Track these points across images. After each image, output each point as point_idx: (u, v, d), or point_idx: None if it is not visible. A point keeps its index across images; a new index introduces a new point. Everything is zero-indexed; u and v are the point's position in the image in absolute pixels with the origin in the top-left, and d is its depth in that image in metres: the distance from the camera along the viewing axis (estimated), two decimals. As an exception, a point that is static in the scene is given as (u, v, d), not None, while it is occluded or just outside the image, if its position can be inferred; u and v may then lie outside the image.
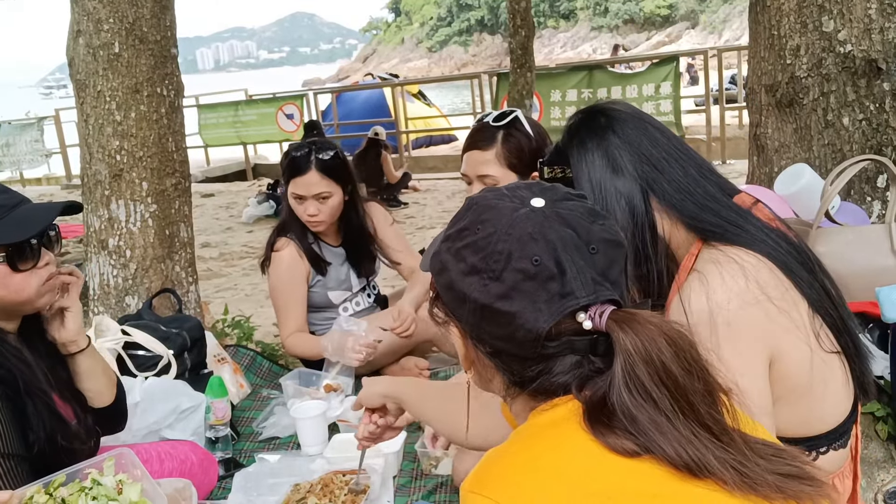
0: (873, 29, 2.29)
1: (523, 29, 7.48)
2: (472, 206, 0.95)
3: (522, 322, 0.86)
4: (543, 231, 0.88)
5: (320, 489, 1.93)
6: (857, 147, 2.36)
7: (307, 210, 2.75)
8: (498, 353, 0.91)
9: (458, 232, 0.93)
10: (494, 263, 0.87)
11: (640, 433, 0.80)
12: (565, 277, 0.86)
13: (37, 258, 1.61)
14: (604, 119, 1.38)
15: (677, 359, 0.83)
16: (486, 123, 2.17)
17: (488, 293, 0.87)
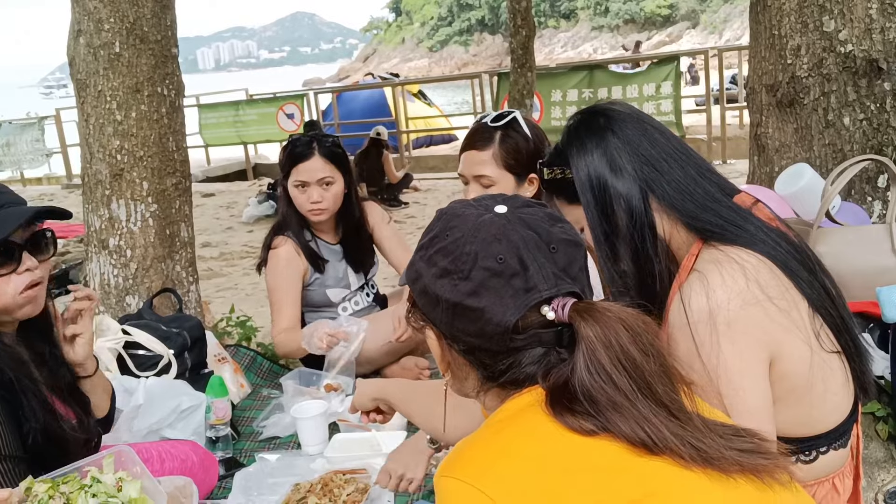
0: (874, 29, 2.29)
1: (524, 29, 7.48)
2: (441, 215, 1.03)
3: (491, 316, 0.93)
4: (506, 233, 0.95)
5: (320, 489, 1.93)
6: (858, 147, 2.35)
7: (311, 197, 2.74)
8: (471, 349, 0.98)
9: (429, 240, 1.00)
10: (462, 264, 0.94)
11: (598, 413, 0.87)
12: (528, 273, 0.93)
13: (15, 263, 1.55)
14: (603, 119, 1.38)
15: (635, 342, 0.90)
16: (485, 124, 2.17)
17: (458, 292, 0.94)
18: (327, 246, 2.90)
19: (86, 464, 1.47)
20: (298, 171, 2.74)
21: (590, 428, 0.86)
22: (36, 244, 1.60)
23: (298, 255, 2.81)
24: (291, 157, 2.77)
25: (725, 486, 0.85)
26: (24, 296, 1.56)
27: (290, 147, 2.81)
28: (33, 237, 1.59)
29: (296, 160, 2.75)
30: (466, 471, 0.87)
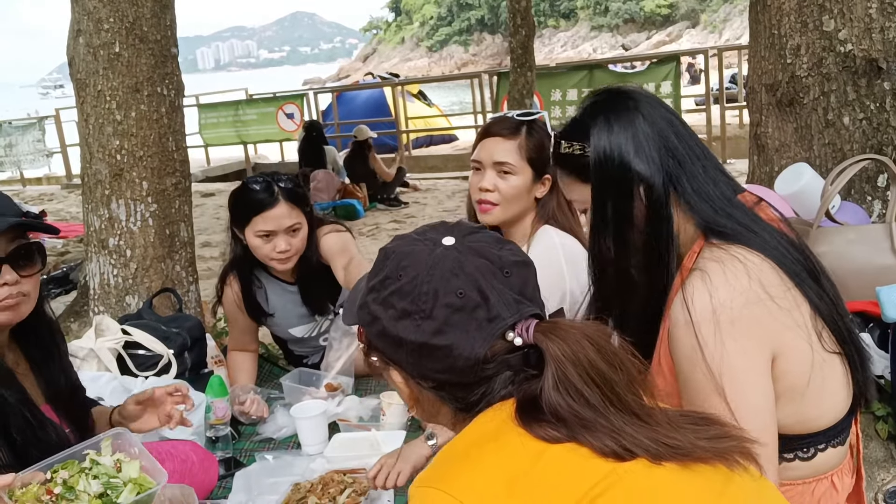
0: (874, 28, 2.29)
1: (524, 28, 7.48)
2: (388, 255, 1.02)
3: (460, 352, 0.93)
4: (462, 265, 0.95)
5: (320, 489, 1.93)
6: (858, 146, 2.35)
7: (277, 247, 2.46)
8: (441, 385, 0.97)
9: (380, 282, 0.99)
10: (423, 304, 0.94)
11: (567, 428, 0.88)
12: (489, 303, 0.94)
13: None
14: (632, 102, 1.36)
15: (601, 355, 0.91)
16: (509, 116, 2.14)
17: (423, 332, 0.94)
18: (284, 287, 2.71)
19: (83, 447, 1.47)
20: (264, 219, 2.44)
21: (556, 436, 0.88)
22: (20, 257, 1.55)
23: (239, 309, 2.68)
24: (252, 205, 2.46)
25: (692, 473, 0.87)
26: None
27: (246, 193, 2.50)
28: (18, 250, 1.55)
29: (258, 208, 2.44)
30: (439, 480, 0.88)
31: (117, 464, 1.46)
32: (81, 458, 1.45)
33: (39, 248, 1.61)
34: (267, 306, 2.71)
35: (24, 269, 1.55)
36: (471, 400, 0.96)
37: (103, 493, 1.39)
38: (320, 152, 8.27)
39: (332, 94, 12.96)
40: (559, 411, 0.88)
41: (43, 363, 1.69)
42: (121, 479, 1.43)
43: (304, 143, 8.54)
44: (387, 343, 0.98)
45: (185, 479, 1.93)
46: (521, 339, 0.93)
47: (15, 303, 1.55)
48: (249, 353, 2.79)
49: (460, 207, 7.63)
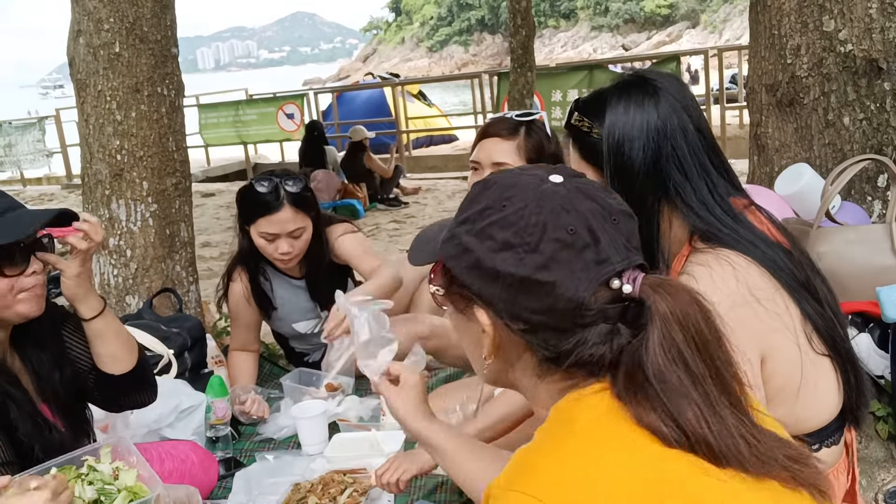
0: (874, 28, 2.29)
1: (524, 28, 7.48)
2: (490, 185, 0.93)
3: (563, 291, 0.85)
4: (572, 202, 0.88)
5: (320, 489, 1.93)
6: (858, 147, 2.35)
7: (279, 249, 2.53)
8: (534, 328, 0.89)
9: (478, 213, 0.91)
10: (529, 236, 0.86)
11: (669, 399, 0.81)
12: (600, 245, 0.86)
13: (24, 265, 1.56)
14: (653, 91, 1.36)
15: (707, 323, 0.86)
16: (508, 116, 2.14)
17: (526, 266, 0.86)
18: (291, 282, 2.76)
19: (83, 453, 1.47)
20: (268, 222, 2.50)
21: (665, 433, 0.81)
22: (41, 247, 1.60)
23: (247, 301, 2.71)
24: (258, 207, 2.52)
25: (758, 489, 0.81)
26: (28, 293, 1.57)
27: (252, 193, 2.54)
28: (39, 240, 1.60)
29: (262, 211, 2.50)
30: (545, 489, 0.78)
31: (115, 471, 1.46)
32: (80, 464, 1.45)
33: (51, 240, 1.65)
34: (273, 299, 2.74)
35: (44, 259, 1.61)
36: (562, 348, 0.87)
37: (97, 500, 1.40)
38: (321, 152, 8.27)
39: (332, 94, 12.96)
40: (664, 374, 0.82)
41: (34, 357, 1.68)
42: (115, 486, 1.43)
43: (306, 142, 8.53)
44: (478, 277, 0.90)
45: (185, 479, 1.93)
46: (630, 288, 0.86)
47: (42, 292, 1.60)
48: (251, 354, 2.79)
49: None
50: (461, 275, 0.92)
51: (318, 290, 2.74)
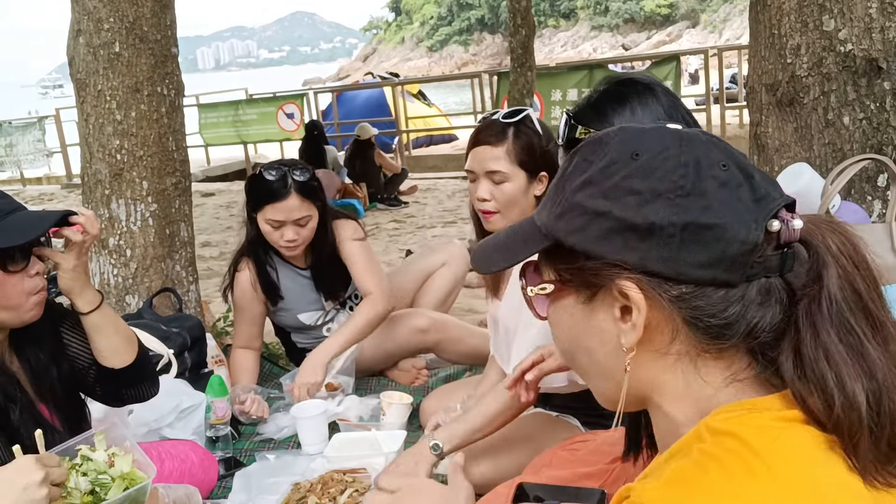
0: (874, 28, 2.29)
1: (524, 28, 7.49)
2: (606, 142, 0.79)
3: (734, 233, 0.72)
4: (713, 140, 0.77)
5: (320, 489, 1.93)
6: (858, 146, 2.35)
7: (285, 236, 2.59)
8: (699, 289, 0.73)
9: (601, 172, 0.76)
10: (682, 178, 0.73)
11: (855, 359, 0.69)
12: (754, 181, 0.74)
13: (26, 262, 1.56)
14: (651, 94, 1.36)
15: (871, 269, 0.74)
16: (495, 120, 2.14)
17: (686, 210, 0.72)
18: (296, 271, 2.80)
19: (77, 442, 1.47)
20: (274, 209, 2.56)
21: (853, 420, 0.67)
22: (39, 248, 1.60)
23: (254, 289, 2.74)
24: (265, 194, 2.58)
25: None
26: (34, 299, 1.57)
27: (260, 181, 2.60)
28: (37, 240, 1.59)
29: (269, 198, 2.57)
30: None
31: (111, 458, 1.46)
32: (73, 454, 1.45)
33: (49, 240, 1.64)
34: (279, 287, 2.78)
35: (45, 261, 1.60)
36: (729, 314, 0.72)
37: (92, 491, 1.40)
38: (321, 152, 8.27)
39: (332, 94, 12.96)
40: (850, 334, 0.70)
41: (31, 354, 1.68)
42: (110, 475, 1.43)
43: (306, 142, 8.53)
44: (622, 241, 0.74)
45: (185, 479, 1.93)
46: (800, 224, 0.73)
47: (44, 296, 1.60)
48: (253, 352, 2.80)
49: (460, 207, 7.63)
50: (595, 246, 0.75)
51: (323, 281, 2.80)
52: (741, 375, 0.74)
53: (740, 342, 0.73)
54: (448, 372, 2.89)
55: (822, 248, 0.72)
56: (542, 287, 0.82)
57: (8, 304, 1.54)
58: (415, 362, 2.93)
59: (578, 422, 1.98)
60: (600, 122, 1.37)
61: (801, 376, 0.70)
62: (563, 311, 0.81)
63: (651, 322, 0.75)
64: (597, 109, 1.39)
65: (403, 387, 2.80)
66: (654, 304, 0.74)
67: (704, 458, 0.67)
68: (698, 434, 0.71)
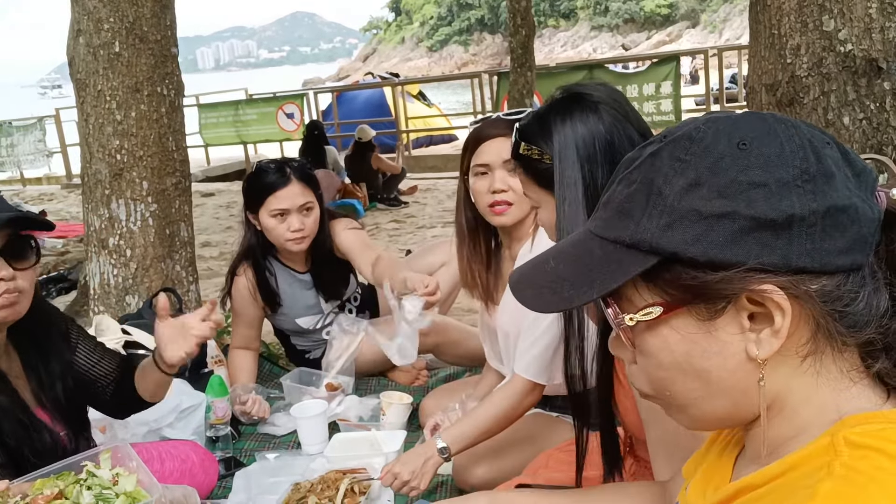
0: (874, 28, 2.29)
1: (524, 28, 7.49)
2: (702, 135, 0.71)
3: (864, 211, 0.67)
4: (801, 121, 0.72)
5: (320, 488, 1.93)
6: (858, 146, 2.36)
7: (291, 226, 2.57)
8: (842, 278, 0.67)
9: (710, 169, 0.68)
10: (802, 161, 0.67)
11: None
12: (850, 156, 0.70)
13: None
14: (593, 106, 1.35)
15: None
16: (499, 118, 2.14)
17: (820, 195, 0.66)
18: (295, 275, 2.79)
19: (82, 458, 1.47)
20: (277, 199, 2.56)
21: None
22: (14, 252, 1.54)
23: (252, 296, 2.73)
24: (266, 186, 2.58)
25: None
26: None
27: (259, 175, 2.62)
28: (10, 244, 1.54)
29: (271, 188, 2.57)
30: None
31: (115, 477, 1.46)
32: (79, 470, 1.45)
33: (33, 242, 1.59)
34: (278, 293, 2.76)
35: (18, 262, 1.54)
36: (860, 303, 0.67)
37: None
38: (321, 152, 8.27)
39: (332, 94, 12.96)
40: None
41: (37, 366, 1.67)
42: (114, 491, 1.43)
43: (306, 142, 8.53)
44: (756, 240, 0.66)
45: (185, 479, 1.93)
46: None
47: (12, 300, 1.54)
48: (251, 352, 2.80)
49: (460, 207, 7.61)
50: (724, 253, 0.66)
51: (323, 283, 2.79)
52: (860, 374, 0.70)
53: (872, 333, 0.68)
54: (448, 372, 2.89)
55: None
56: (646, 312, 0.71)
57: None
58: (415, 362, 2.92)
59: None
60: (542, 139, 1.36)
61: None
62: (671, 335, 0.71)
63: (801, 326, 0.68)
64: (540, 125, 1.38)
65: (403, 387, 2.80)
66: (796, 303, 0.67)
67: (853, 475, 0.61)
68: (833, 447, 0.65)
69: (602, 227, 0.73)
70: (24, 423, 1.56)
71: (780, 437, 0.71)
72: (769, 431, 0.72)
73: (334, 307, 2.87)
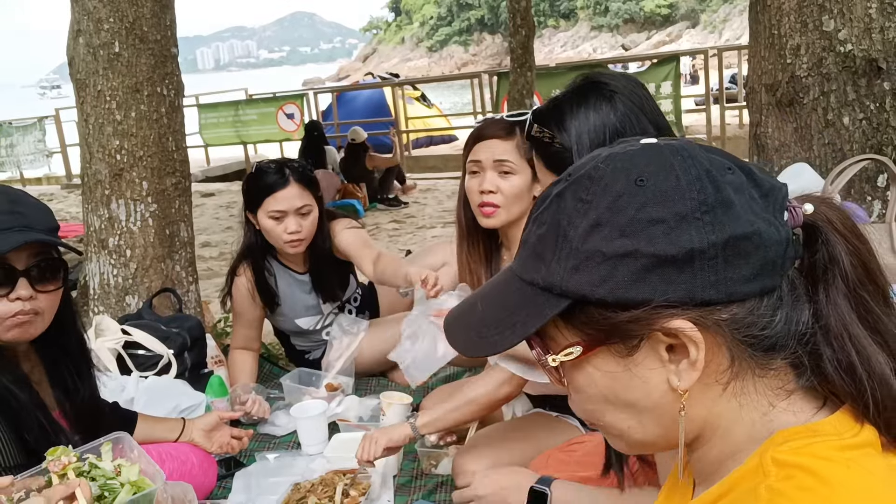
0: (873, 28, 2.29)
1: (523, 28, 7.49)
2: (600, 174, 0.70)
3: (769, 235, 0.67)
4: (702, 146, 0.72)
5: (320, 489, 1.93)
6: (858, 146, 2.36)
7: (288, 228, 2.57)
8: (749, 306, 0.67)
9: (609, 209, 0.68)
10: (698, 193, 0.67)
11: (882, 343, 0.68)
12: (755, 176, 0.70)
13: (8, 288, 1.50)
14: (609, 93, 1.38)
15: (866, 239, 0.72)
16: (501, 118, 2.15)
17: (719, 227, 0.66)
18: (294, 276, 2.79)
19: (83, 451, 1.47)
20: (275, 200, 2.56)
21: None
22: (40, 272, 1.53)
23: (251, 297, 2.73)
24: (264, 187, 2.58)
25: None
26: (10, 321, 1.51)
27: (258, 176, 2.62)
28: (40, 265, 1.53)
29: (270, 189, 2.57)
30: None
31: (117, 468, 1.46)
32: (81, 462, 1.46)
33: (63, 264, 1.58)
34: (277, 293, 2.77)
35: (41, 285, 1.53)
36: (776, 326, 0.67)
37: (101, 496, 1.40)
38: (321, 152, 8.26)
39: (332, 94, 12.96)
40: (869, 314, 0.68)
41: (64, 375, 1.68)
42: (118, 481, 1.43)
43: (306, 142, 8.53)
44: (660, 277, 0.66)
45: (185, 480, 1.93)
46: (811, 208, 0.71)
47: (26, 320, 1.53)
48: (251, 353, 2.80)
49: (460, 207, 7.61)
50: (630, 292, 0.67)
51: (322, 284, 2.78)
52: (790, 387, 0.70)
53: (792, 350, 0.68)
54: (448, 373, 2.89)
55: (826, 228, 0.70)
56: (567, 353, 0.72)
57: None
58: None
59: (578, 422, 1.98)
60: (555, 124, 1.39)
61: (838, 369, 0.68)
62: (594, 372, 0.72)
63: (718, 357, 0.69)
64: (555, 110, 1.41)
65: (403, 387, 2.80)
66: (708, 333, 0.67)
67: (777, 498, 0.62)
68: (761, 468, 0.65)
69: (521, 269, 0.74)
70: (42, 425, 1.56)
71: (721, 456, 0.71)
72: (710, 453, 0.72)
73: (334, 308, 2.87)
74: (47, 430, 1.57)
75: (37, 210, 1.57)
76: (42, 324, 1.58)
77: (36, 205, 1.59)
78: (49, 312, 1.58)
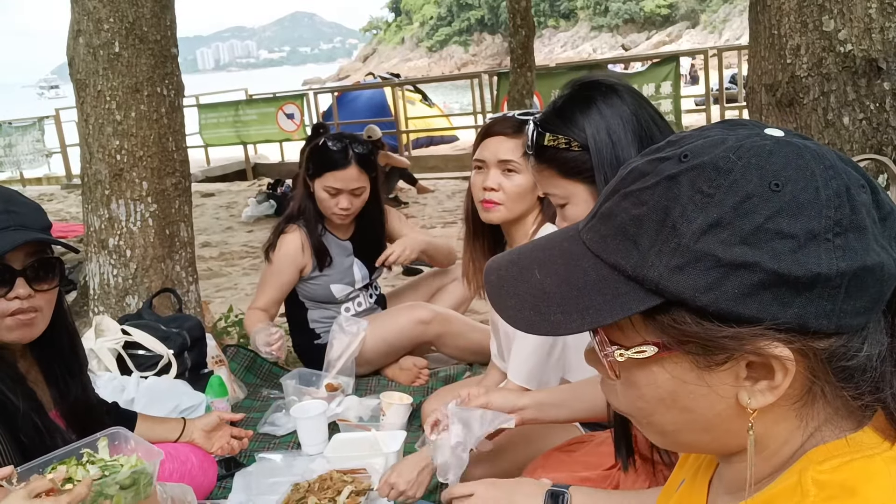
0: (874, 28, 2.29)
1: (523, 28, 7.49)
2: (732, 166, 0.61)
3: (889, 269, 0.61)
4: (836, 154, 0.65)
5: (320, 489, 1.93)
6: (858, 147, 2.35)
7: (340, 204, 2.76)
8: (851, 336, 0.62)
9: (734, 209, 0.60)
10: (836, 211, 0.59)
11: None
12: (878, 196, 0.63)
13: (6, 288, 1.50)
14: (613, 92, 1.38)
15: None
16: (509, 116, 2.15)
17: (852, 253, 0.59)
18: (337, 241, 2.93)
19: (80, 446, 1.48)
20: (334, 177, 2.74)
21: None
22: (37, 271, 1.54)
23: (303, 250, 2.83)
24: (328, 162, 2.75)
25: None
26: (10, 321, 1.51)
27: (323, 148, 2.77)
28: (36, 264, 1.53)
29: (331, 166, 2.74)
30: None
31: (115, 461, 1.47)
32: (79, 457, 1.46)
33: (59, 263, 1.58)
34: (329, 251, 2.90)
35: (39, 284, 1.53)
36: (861, 357, 0.62)
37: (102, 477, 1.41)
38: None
39: (332, 94, 12.96)
40: None
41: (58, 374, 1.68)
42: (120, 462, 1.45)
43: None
44: (772, 296, 0.59)
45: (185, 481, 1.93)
46: None
47: (28, 319, 1.53)
48: (268, 316, 2.86)
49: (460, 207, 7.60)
50: (736, 306, 0.60)
51: (363, 251, 2.95)
52: (843, 412, 0.65)
53: (866, 379, 0.63)
54: (448, 373, 2.89)
55: None
56: (639, 350, 0.65)
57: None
58: (416, 361, 2.93)
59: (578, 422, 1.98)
60: (568, 128, 1.38)
61: None
62: (661, 374, 0.66)
63: (811, 386, 0.64)
64: (563, 115, 1.40)
65: (403, 387, 2.81)
66: (802, 361, 0.62)
67: None
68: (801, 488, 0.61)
69: (598, 244, 0.66)
70: (39, 427, 1.56)
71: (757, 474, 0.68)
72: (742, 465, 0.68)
73: (364, 283, 2.98)
74: (42, 431, 1.57)
75: (30, 209, 1.57)
76: (43, 322, 1.59)
77: (28, 204, 1.59)
78: (47, 311, 1.59)
